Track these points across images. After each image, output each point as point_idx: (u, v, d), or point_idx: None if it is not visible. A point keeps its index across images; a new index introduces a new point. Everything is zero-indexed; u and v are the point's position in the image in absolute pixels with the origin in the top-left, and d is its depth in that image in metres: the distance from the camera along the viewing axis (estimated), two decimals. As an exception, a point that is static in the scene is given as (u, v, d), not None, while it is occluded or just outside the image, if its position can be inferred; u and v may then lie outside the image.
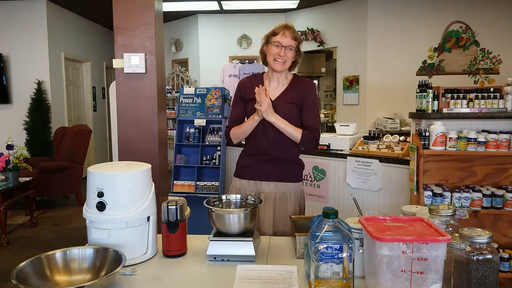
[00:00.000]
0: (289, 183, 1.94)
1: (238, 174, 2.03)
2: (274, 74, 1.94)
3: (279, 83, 1.95)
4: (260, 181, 1.94)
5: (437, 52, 5.86)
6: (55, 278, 1.14)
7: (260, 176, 1.94)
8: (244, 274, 1.22)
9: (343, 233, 1.02)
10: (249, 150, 2.00)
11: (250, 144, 1.99)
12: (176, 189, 3.92)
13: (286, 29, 1.86)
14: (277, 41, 1.85)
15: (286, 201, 1.93)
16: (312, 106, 1.93)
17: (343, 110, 6.61)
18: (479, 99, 2.74)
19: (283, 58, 1.86)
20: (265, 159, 1.93)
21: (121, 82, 2.45)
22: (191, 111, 4.00)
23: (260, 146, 1.93)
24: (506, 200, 2.61)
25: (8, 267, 3.45)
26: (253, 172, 1.96)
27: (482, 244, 0.97)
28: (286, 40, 1.85)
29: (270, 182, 1.93)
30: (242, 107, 1.99)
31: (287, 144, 1.91)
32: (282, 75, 1.94)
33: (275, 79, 1.95)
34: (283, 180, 1.93)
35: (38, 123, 5.90)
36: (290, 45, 1.86)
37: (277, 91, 1.93)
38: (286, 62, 1.87)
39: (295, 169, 1.99)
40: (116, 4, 2.41)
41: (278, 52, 1.85)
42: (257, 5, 6.70)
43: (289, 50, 1.86)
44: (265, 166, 1.93)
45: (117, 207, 1.29)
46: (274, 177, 1.93)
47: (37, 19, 6.04)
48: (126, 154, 2.46)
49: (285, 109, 1.88)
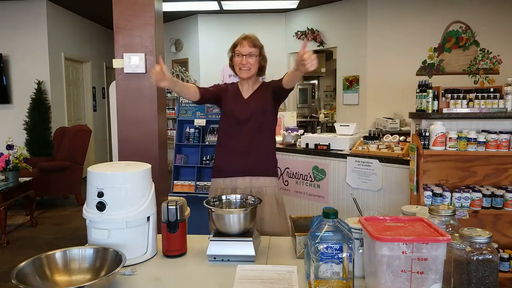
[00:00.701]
0: (264, 177, 2.04)
1: (214, 174, 2.12)
2: (244, 81, 2.11)
3: (250, 87, 2.12)
4: (236, 177, 2.03)
5: (437, 52, 5.86)
6: (55, 278, 1.14)
7: (235, 172, 2.03)
8: (244, 274, 1.22)
9: (343, 233, 1.02)
10: (221, 148, 2.11)
11: (221, 142, 2.10)
12: (176, 189, 3.92)
13: (244, 39, 2.04)
14: (238, 51, 2.04)
15: (262, 196, 1.99)
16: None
17: (343, 110, 6.61)
18: (479, 99, 2.74)
19: (246, 66, 2.02)
20: (238, 153, 2.03)
21: (121, 82, 2.45)
22: (191, 111, 4.00)
23: (230, 144, 2.05)
24: (506, 200, 2.61)
25: (8, 267, 3.45)
26: (227, 169, 2.05)
27: (482, 244, 0.97)
28: (245, 49, 2.02)
29: (245, 177, 2.02)
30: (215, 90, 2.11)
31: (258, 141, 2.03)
32: (251, 80, 2.11)
33: (246, 85, 2.12)
34: (257, 174, 2.03)
35: (38, 123, 5.90)
36: (250, 52, 2.01)
37: (249, 92, 2.11)
38: (250, 68, 2.03)
39: (269, 163, 2.10)
40: (116, 4, 2.41)
41: (240, 61, 2.02)
42: (257, 5, 6.70)
43: (250, 57, 2.02)
44: (238, 161, 2.03)
45: (117, 207, 1.29)
46: (249, 171, 2.03)
47: (37, 19, 6.04)
48: (126, 154, 2.46)
49: (257, 102, 2.05)
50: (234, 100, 2.08)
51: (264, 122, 2.06)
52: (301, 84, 9.24)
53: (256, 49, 2.04)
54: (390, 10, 5.97)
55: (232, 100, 2.09)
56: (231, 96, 2.10)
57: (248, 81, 2.10)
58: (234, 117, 2.05)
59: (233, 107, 2.06)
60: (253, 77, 2.10)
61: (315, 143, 3.45)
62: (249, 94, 2.10)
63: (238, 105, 2.06)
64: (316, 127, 8.53)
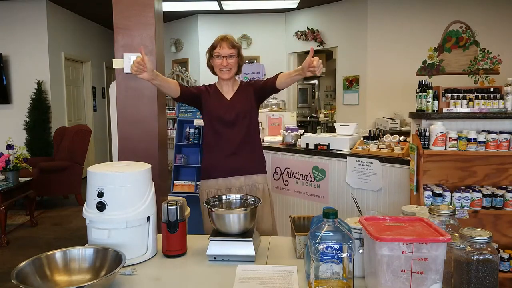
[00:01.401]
0: (256, 175, 2.09)
1: (204, 175, 2.12)
2: (224, 82, 2.12)
3: (230, 88, 2.14)
4: (229, 177, 2.05)
5: (437, 52, 5.86)
6: (55, 278, 1.14)
7: (227, 173, 2.06)
8: (244, 274, 1.22)
9: (343, 233, 1.02)
10: (208, 150, 2.11)
11: (210, 143, 2.10)
12: (176, 189, 3.92)
13: (223, 41, 2.05)
14: (217, 53, 2.05)
15: (255, 192, 2.04)
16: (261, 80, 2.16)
17: (343, 110, 6.61)
18: (479, 99, 2.73)
19: (227, 67, 2.04)
20: (226, 154, 2.05)
21: (121, 82, 2.45)
22: (191, 111, 4.00)
23: (217, 145, 2.06)
24: (506, 200, 2.61)
25: (8, 267, 3.45)
26: (218, 169, 2.07)
27: (482, 244, 0.97)
28: (225, 51, 2.03)
29: (239, 176, 2.05)
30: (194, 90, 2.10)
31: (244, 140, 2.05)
32: (231, 81, 2.13)
33: (226, 86, 2.13)
34: (250, 172, 2.08)
35: (38, 123, 5.90)
36: (230, 53, 2.03)
37: (230, 93, 2.13)
38: (231, 69, 2.06)
39: (260, 160, 2.15)
40: (116, 4, 2.41)
41: (221, 63, 2.04)
42: (257, 5, 6.70)
43: (230, 58, 2.04)
44: (228, 161, 2.05)
45: (117, 207, 1.29)
46: (241, 171, 2.06)
47: (37, 19, 6.04)
48: (126, 154, 2.45)
49: (241, 102, 2.07)
50: (217, 102, 2.10)
51: (251, 121, 2.10)
52: (301, 84, 9.25)
53: (235, 49, 2.06)
54: (390, 10, 5.97)
55: (215, 102, 2.10)
56: (213, 98, 2.11)
57: (228, 82, 2.12)
58: (220, 119, 2.06)
59: (217, 109, 2.07)
60: (232, 78, 2.13)
61: (315, 143, 3.45)
62: (231, 95, 2.12)
63: (222, 107, 2.08)
64: (316, 127, 8.54)
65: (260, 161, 2.16)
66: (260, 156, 2.17)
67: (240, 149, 2.06)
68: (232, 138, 2.06)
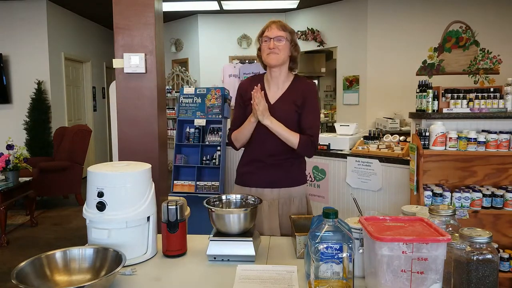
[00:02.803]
0: (292, 188, 1.87)
1: (239, 181, 1.96)
2: (273, 74, 1.85)
3: (279, 86, 1.87)
4: (262, 188, 1.86)
5: (437, 52, 5.86)
6: (55, 278, 1.14)
7: (262, 183, 1.87)
8: (244, 274, 1.21)
9: (343, 233, 1.02)
10: (248, 155, 1.93)
11: (248, 149, 1.93)
12: (176, 189, 3.92)
13: (272, 23, 1.81)
14: (265, 36, 1.80)
15: (289, 204, 1.87)
16: (312, 108, 1.84)
17: (343, 110, 6.61)
18: (479, 99, 2.74)
19: (274, 50, 1.77)
20: (265, 164, 1.86)
21: (121, 82, 2.45)
22: (191, 111, 4.00)
23: (258, 152, 1.86)
24: (506, 200, 2.61)
25: (8, 267, 3.45)
26: (254, 179, 1.88)
27: (482, 244, 0.97)
28: (273, 32, 1.78)
29: (273, 189, 1.86)
30: (243, 109, 1.90)
31: (286, 150, 1.82)
32: (282, 75, 1.85)
33: (275, 81, 1.86)
34: (286, 185, 1.86)
35: (38, 123, 5.90)
36: (278, 36, 1.77)
37: (277, 94, 1.86)
38: (279, 54, 1.78)
39: (298, 172, 1.91)
40: (116, 4, 2.41)
41: (268, 45, 1.78)
42: (257, 5, 6.70)
43: (279, 41, 1.77)
44: (266, 173, 1.86)
45: (117, 207, 1.29)
46: (277, 183, 1.86)
47: (37, 19, 6.04)
48: (126, 154, 2.45)
49: (283, 112, 1.81)
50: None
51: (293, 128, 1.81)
52: (301, 84, 9.22)
53: (286, 33, 1.79)
54: (390, 10, 5.97)
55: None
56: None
57: (278, 77, 1.85)
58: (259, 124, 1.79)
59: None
60: (283, 72, 1.85)
61: (315, 143, 3.44)
62: (277, 97, 1.85)
63: None
64: (316, 127, 8.52)
65: (299, 172, 1.92)
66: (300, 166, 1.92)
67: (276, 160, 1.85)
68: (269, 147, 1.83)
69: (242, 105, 1.91)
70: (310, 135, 1.80)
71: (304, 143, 1.78)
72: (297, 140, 1.77)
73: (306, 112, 1.83)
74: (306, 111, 1.83)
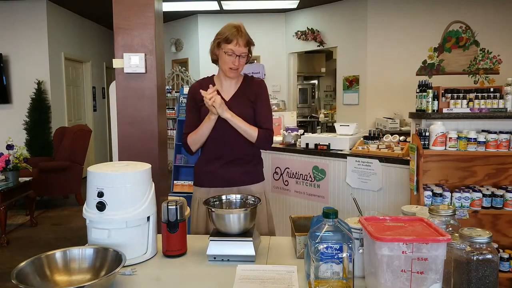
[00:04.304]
0: (252, 185, 1.91)
1: (197, 182, 1.96)
2: (227, 79, 1.91)
3: (231, 85, 1.93)
4: (221, 188, 1.87)
5: (437, 52, 5.86)
6: (55, 278, 1.14)
7: (221, 183, 1.88)
8: (244, 274, 1.22)
9: (343, 233, 1.02)
10: (206, 155, 1.94)
11: (205, 149, 1.93)
12: (176, 189, 3.92)
13: (239, 37, 1.79)
14: (231, 50, 1.79)
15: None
16: (265, 103, 1.92)
17: (343, 110, 6.61)
18: (479, 99, 2.74)
19: (238, 66, 1.82)
20: (223, 162, 1.88)
21: (121, 82, 2.45)
22: (191, 111, 4.00)
23: (217, 150, 1.89)
24: (506, 200, 2.61)
25: (8, 267, 3.45)
26: (212, 179, 1.89)
27: (482, 244, 0.97)
28: (240, 49, 1.79)
29: (232, 187, 1.87)
30: (197, 113, 1.92)
31: (245, 145, 1.86)
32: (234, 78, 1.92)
33: (227, 81, 1.92)
34: (245, 183, 1.89)
35: (38, 123, 5.90)
36: (243, 53, 1.82)
37: (230, 92, 1.91)
38: (239, 69, 1.85)
39: (257, 169, 1.96)
40: (116, 4, 2.41)
41: (232, 62, 1.81)
42: (257, 5, 6.70)
43: (243, 58, 1.83)
44: (224, 171, 1.88)
45: (117, 207, 1.29)
46: (236, 182, 1.88)
47: (37, 19, 6.04)
48: (126, 154, 2.45)
49: (240, 108, 1.85)
50: None
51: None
52: (301, 84, 9.24)
53: (248, 47, 1.85)
54: (390, 10, 5.97)
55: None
56: None
57: (231, 80, 1.92)
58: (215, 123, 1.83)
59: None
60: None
61: (315, 143, 3.45)
62: (231, 95, 1.91)
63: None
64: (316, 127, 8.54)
65: (258, 169, 1.96)
66: (258, 163, 1.98)
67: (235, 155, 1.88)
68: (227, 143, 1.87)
69: (195, 107, 1.93)
70: (267, 129, 1.88)
71: (263, 136, 1.84)
72: (256, 133, 1.84)
73: (260, 107, 1.90)
74: (259, 106, 1.90)
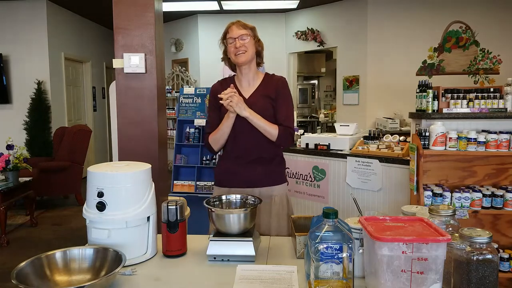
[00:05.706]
0: (273, 187, 1.87)
1: (217, 182, 1.94)
2: (243, 72, 1.87)
3: (250, 82, 1.90)
4: (242, 188, 1.83)
5: (437, 52, 5.86)
6: (55, 278, 1.14)
7: (242, 183, 1.85)
8: (244, 274, 1.21)
9: (343, 233, 1.02)
10: (226, 154, 1.91)
11: (226, 148, 1.90)
12: (176, 189, 3.92)
13: (232, 24, 1.84)
14: (229, 38, 1.82)
15: (270, 204, 1.85)
16: (286, 100, 1.88)
17: (343, 110, 6.61)
18: (479, 99, 2.74)
19: (241, 49, 1.80)
20: (245, 162, 1.85)
21: (121, 82, 2.45)
22: (191, 111, 4.00)
23: (238, 149, 1.85)
24: (506, 200, 2.61)
25: (8, 267, 3.45)
26: (233, 179, 1.87)
27: (482, 244, 0.97)
28: (235, 32, 1.81)
29: (254, 188, 1.84)
30: (218, 111, 1.89)
31: (265, 143, 1.83)
32: (252, 71, 1.88)
33: (246, 78, 1.89)
34: (267, 184, 1.86)
35: (38, 123, 5.90)
36: (241, 34, 1.80)
37: (250, 90, 1.88)
38: (246, 51, 1.81)
39: (279, 170, 1.92)
40: (116, 4, 2.41)
41: (234, 45, 1.81)
42: (257, 5, 6.70)
43: (243, 39, 1.81)
44: (245, 171, 1.85)
45: (117, 207, 1.29)
46: (258, 182, 1.85)
47: (37, 19, 6.04)
48: (126, 154, 2.45)
49: (259, 105, 1.82)
50: None
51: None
52: (301, 84, 9.24)
53: (247, 30, 1.83)
54: (390, 10, 5.97)
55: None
56: None
57: (248, 74, 1.87)
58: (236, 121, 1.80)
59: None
60: (253, 68, 1.88)
61: (315, 143, 3.45)
62: (250, 93, 1.87)
63: None
64: (316, 127, 8.54)
65: (280, 169, 1.92)
66: (280, 163, 1.93)
67: (256, 155, 1.84)
68: (249, 143, 1.83)
69: (216, 107, 1.89)
70: (288, 126, 1.83)
71: (283, 134, 1.81)
72: (276, 131, 1.80)
73: (280, 104, 1.86)
74: (280, 104, 1.86)
